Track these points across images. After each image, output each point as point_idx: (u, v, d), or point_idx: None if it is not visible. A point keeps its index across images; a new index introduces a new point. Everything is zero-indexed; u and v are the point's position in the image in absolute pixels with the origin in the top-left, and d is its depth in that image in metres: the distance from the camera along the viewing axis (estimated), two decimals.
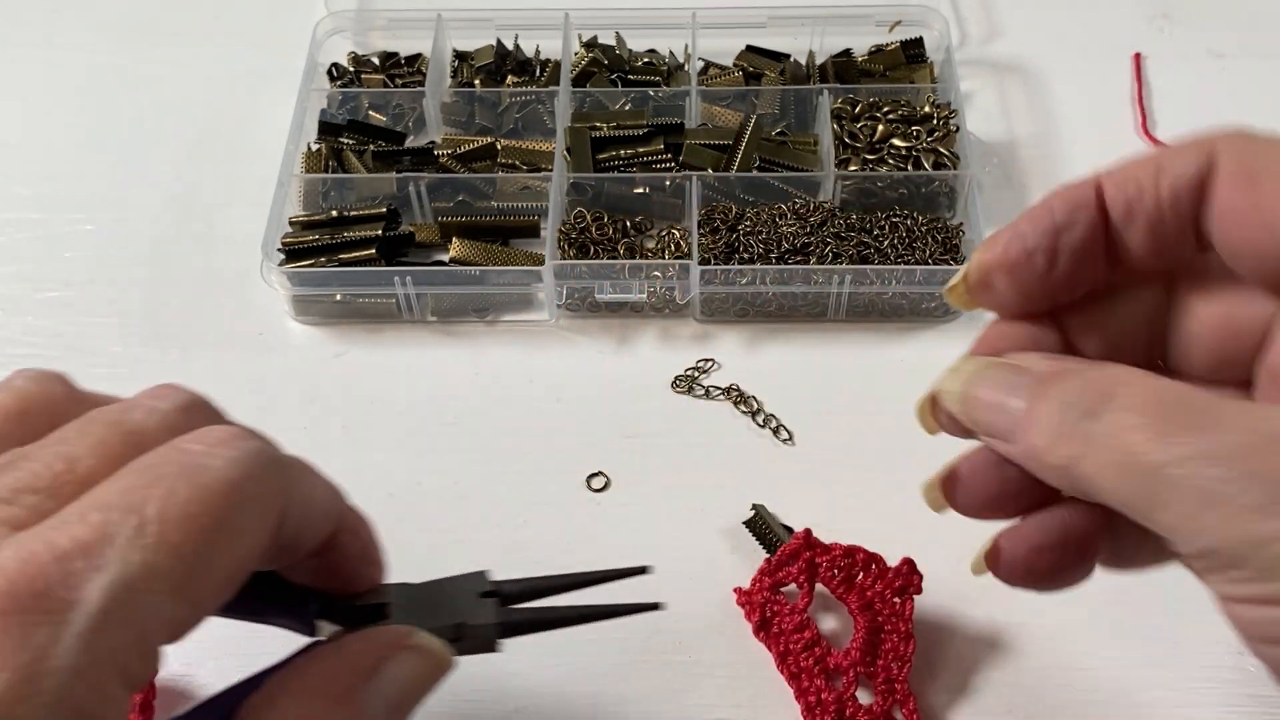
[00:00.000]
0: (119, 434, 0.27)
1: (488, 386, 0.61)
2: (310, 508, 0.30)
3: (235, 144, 0.72)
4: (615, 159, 0.67)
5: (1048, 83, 0.75)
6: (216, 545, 0.25)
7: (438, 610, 0.33)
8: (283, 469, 0.28)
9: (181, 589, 0.24)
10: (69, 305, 0.64)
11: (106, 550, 0.23)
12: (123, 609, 0.23)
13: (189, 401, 0.30)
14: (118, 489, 0.25)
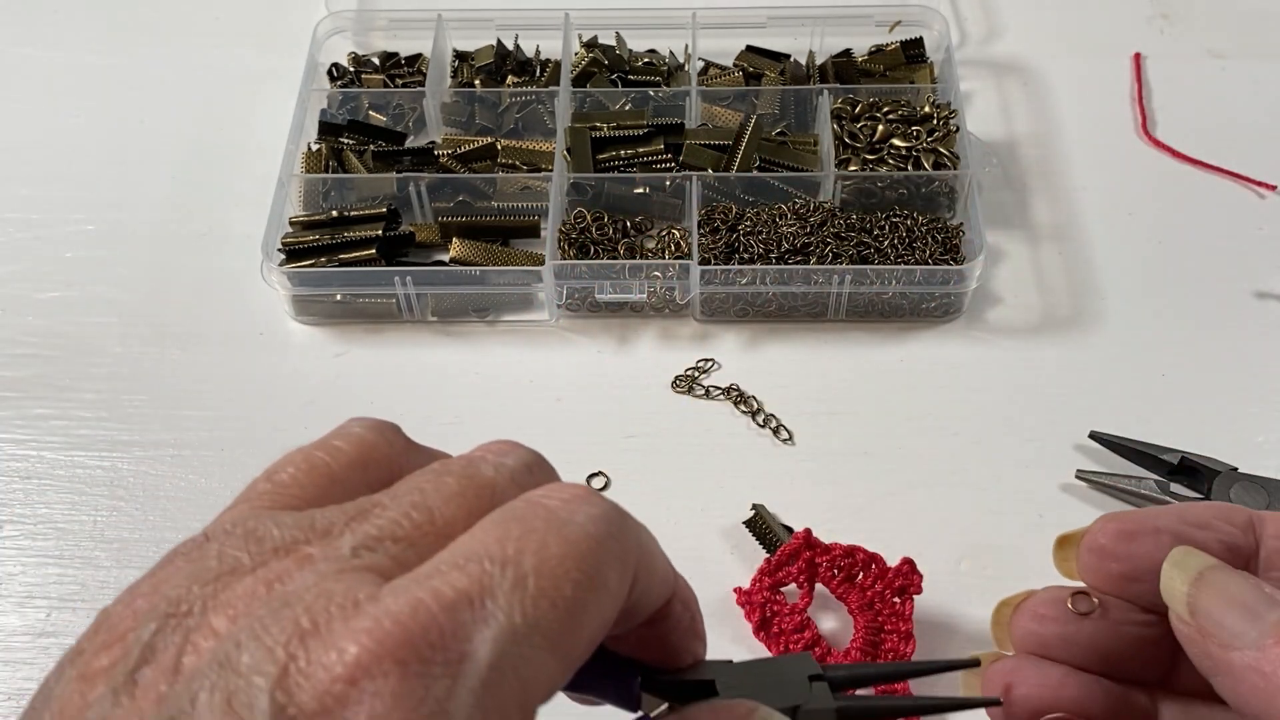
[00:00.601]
0: (473, 486, 0.26)
1: (488, 386, 0.61)
2: (653, 572, 0.29)
3: (235, 144, 0.72)
4: (615, 159, 0.67)
5: (1048, 83, 0.75)
6: (588, 601, 0.24)
7: (768, 692, 0.31)
8: (634, 528, 0.28)
9: (558, 645, 0.23)
10: (69, 305, 0.64)
11: (488, 601, 0.22)
12: (510, 663, 0.22)
13: (533, 459, 0.29)
14: (490, 539, 0.24)
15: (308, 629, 0.21)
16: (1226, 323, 0.62)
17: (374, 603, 0.21)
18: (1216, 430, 0.57)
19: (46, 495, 0.56)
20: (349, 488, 0.27)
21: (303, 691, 0.20)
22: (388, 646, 0.21)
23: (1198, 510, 0.31)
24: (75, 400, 0.60)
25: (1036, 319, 0.63)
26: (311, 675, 0.20)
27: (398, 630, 0.21)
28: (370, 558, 0.23)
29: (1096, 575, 0.31)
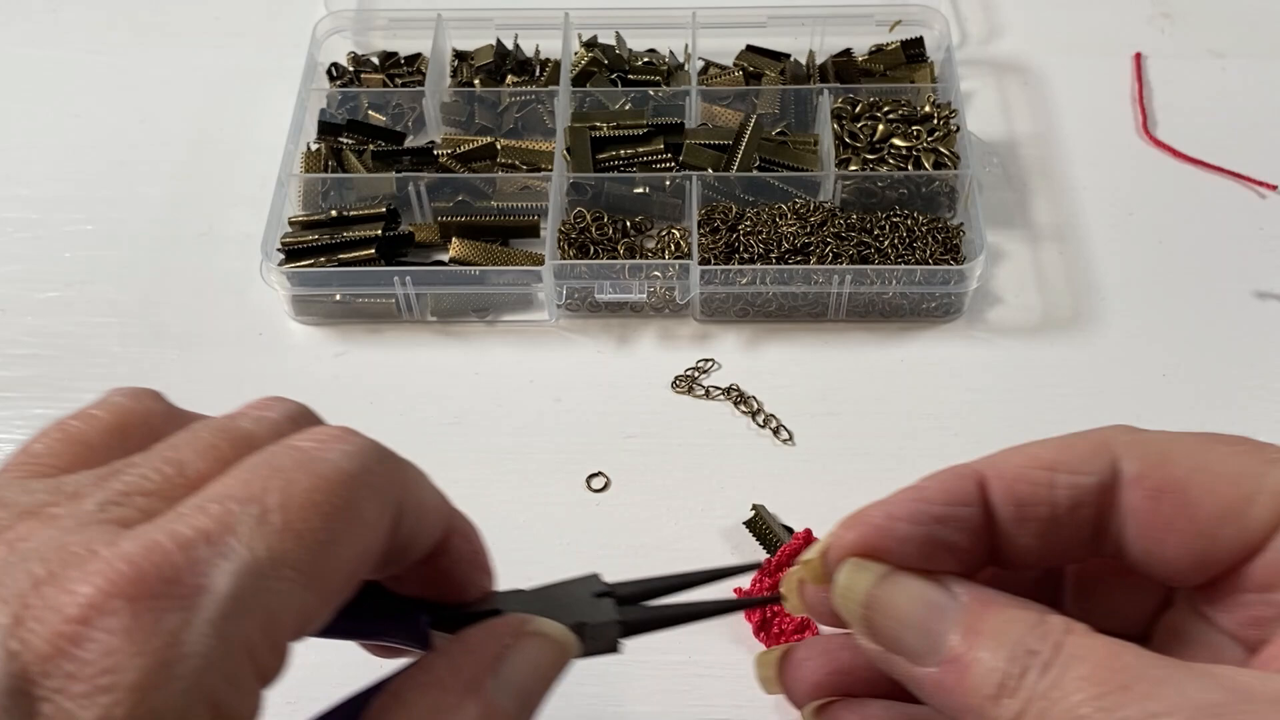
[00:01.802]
0: (228, 439, 0.27)
1: (488, 386, 0.61)
2: (423, 507, 0.29)
3: (235, 144, 0.72)
4: (615, 159, 0.67)
5: (1048, 83, 0.75)
6: (339, 533, 0.24)
7: (555, 612, 0.32)
8: (396, 464, 0.28)
9: (309, 576, 0.23)
10: (69, 305, 0.64)
11: (230, 538, 0.23)
12: (252, 595, 0.22)
13: (295, 410, 0.30)
14: (235, 481, 0.24)
15: (42, 578, 0.22)
16: (1226, 323, 0.62)
17: (111, 547, 0.22)
18: (1216, 430, 0.57)
19: None
20: (107, 454, 0.27)
21: (36, 636, 0.21)
22: (119, 585, 0.21)
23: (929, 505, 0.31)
24: (75, 400, 0.60)
25: (1036, 319, 0.63)
26: (44, 620, 0.21)
27: (129, 569, 0.21)
28: (117, 511, 0.24)
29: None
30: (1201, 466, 0.31)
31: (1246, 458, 0.31)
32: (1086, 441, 0.32)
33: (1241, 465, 0.30)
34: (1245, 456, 0.31)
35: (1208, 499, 0.30)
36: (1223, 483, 0.30)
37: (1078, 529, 0.31)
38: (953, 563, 0.31)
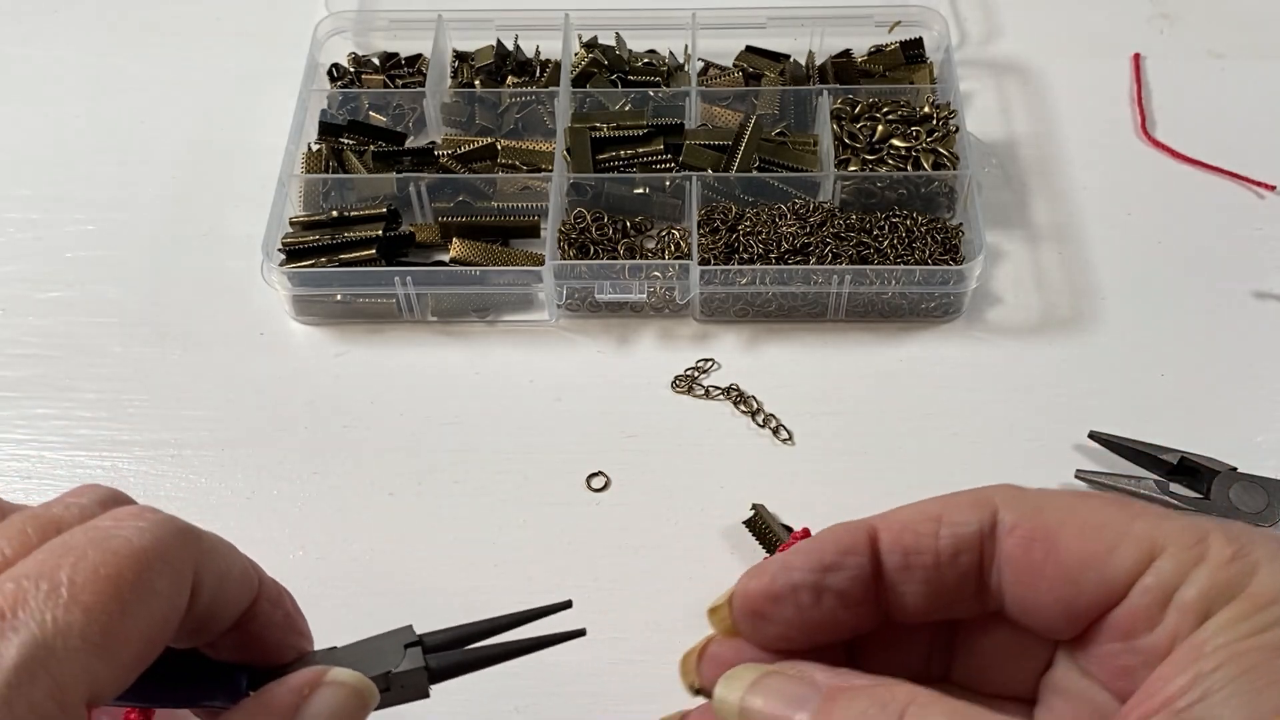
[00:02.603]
0: (37, 525, 0.28)
1: (488, 386, 0.61)
2: (226, 577, 0.31)
3: (235, 144, 0.72)
4: (615, 159, 0.67)
5: (1048, 83, 0.75)
6: (129, 604, 0.27)
7: (366, 665, 0.35)
8: (193, 537, 0.30)
9: (98, 645, 0.25)
10: (70, 305, 0.65)
11: (20, 612, 0.25)
12: (40, 665, 0.24)
13: (106, 495, 0.32)
14: (33, 561, 0.27)
15: None
16: (1226, 323, 0.62)
17: None
18: (1216, 430, 0.57)
19: (47, 495, 0.56)
20: None
21: None
22: None
23: (821, 553, 0.34)
24: (76, 400, 0.60)
25: (1036, 319, 0.63)
26: None
27: None
28: None
29: (758, 638, 0.35)
30: (1070, 517, 0.32)
31: (1114, 510, 0.32)
32: (970, 496, 0.34)
33: (1108, 516, 0.32)
34: (1113, 508, 0.32)
35: (1074, 546, 0.31)
36: (1089, 531, 0.32)
37: (961, 578, 0.33)
38: (846, 615, 0.34)
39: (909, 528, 0.34)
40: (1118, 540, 0.31)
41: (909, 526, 0.34)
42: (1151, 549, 0.30)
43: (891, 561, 0.34)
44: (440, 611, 0.52)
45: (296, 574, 0.53)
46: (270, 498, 0.56)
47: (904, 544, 0.34)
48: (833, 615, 0.34)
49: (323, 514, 0.55)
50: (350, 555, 0.54)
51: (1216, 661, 0.28)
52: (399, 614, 0.51)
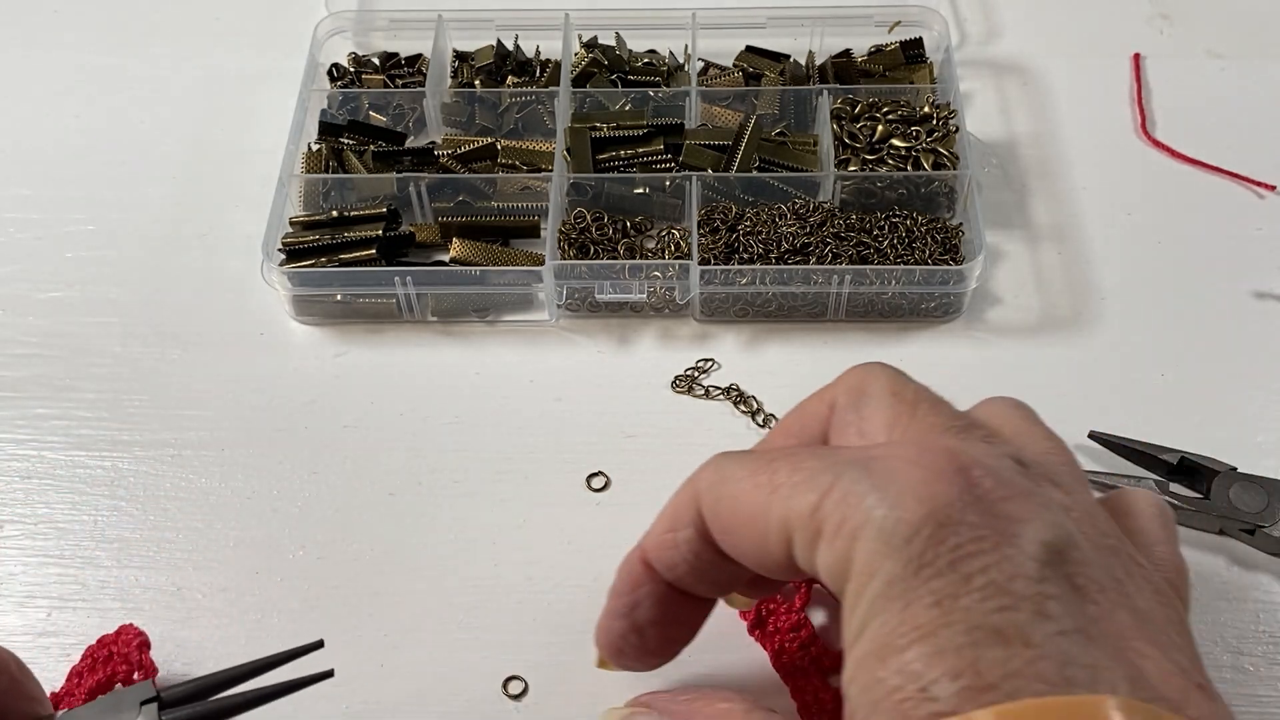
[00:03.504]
0: None
1: (488, 386, 0.61)
2: None
3: (235, 144, 0.72)
4: (615, 159, 0.67)
5: (1048, 83, 0.75)
6: None
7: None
8: None
9: None
10: (70, 305, 0.65)
11: None
12: None
13: None
14: None
15: None
16: (1226, 323, 0.62)
17: None
18: (1216, 430, 0.57)
19: (47, 495, 0.56)
20: None
21: None
22: None
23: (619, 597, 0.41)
24: (76, 400, 0.60)
25: (1036, 319, 0.63)
26: None
27: None
28: None
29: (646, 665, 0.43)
30: (737, 508, 0.36)
31: (758, 492, 0.35)
32: (684, 495, 0.39)
33: (755, 502, 0.35)
34: (757, 491, 0.35)
35: (744, 538, 0.35)
36: (750, 524, 0.35)
37: (715, 562, 0.38)
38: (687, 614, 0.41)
39: (659, 544, 0.39)
40: (765, 528, 0.34)
41: (659, 544, 0.39)
42: (787, 532, 0.33)
43: (671, 577, 0.39)
44: (440, 611, 0.52)
45: (296, 574, 0.53)
46: (270, 498, 0.56)
47: (663, 561, 0.39)
48: (660, 636, 0.41)
49: (323, 514, 0.55)
50: (350, 555, 0.54)
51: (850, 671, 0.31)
52: (399, 614, 0.52)
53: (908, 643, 0.28)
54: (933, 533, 0.29)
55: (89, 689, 0.46)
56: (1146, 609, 0.31)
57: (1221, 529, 0.53)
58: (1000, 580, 0.29)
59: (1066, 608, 0.29)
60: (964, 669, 0.27)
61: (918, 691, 0.28)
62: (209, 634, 0.51)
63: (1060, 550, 0.30)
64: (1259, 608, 0.51)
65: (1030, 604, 0.28)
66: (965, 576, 0.29)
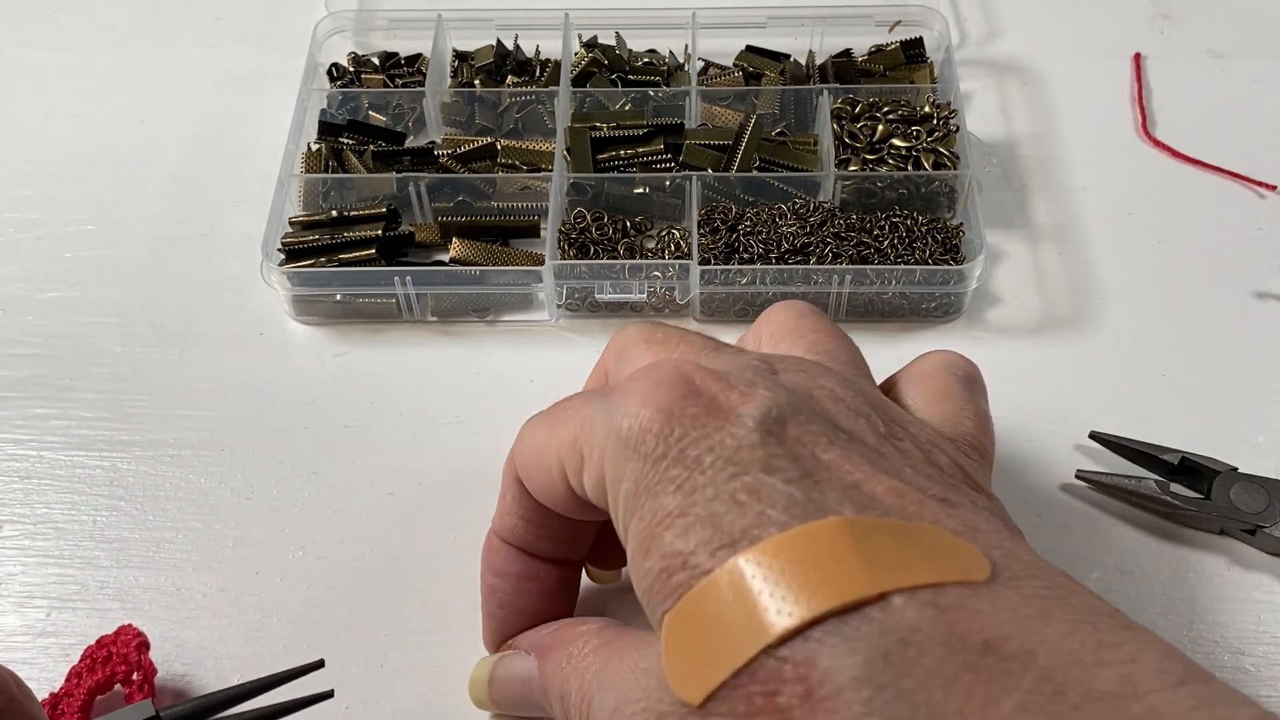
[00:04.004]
0: None
1: (488, 386, 0.61)
2: None
3: (236, 144, 0.72)
4: (615, 159, 0.67)
5: (1048, 83, 0.75)
6: None
7: None
8: None
9: None
10: (70, 305, 0.64)
11: None
12: None
13: None
14: None
15: None
16: (1226, 323, 0.62)
17: None
18: (1217, 430, 0.57)
19: (46, 495, 0.56)
20: None
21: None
22: None
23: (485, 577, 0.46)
24: (75, 400, 0.60)
25: (1036, 319, 0.63)
26: None
27: None
28: None
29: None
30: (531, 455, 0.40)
31: (542, 437, 0.39)
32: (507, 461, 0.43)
33: (540, 446, 0.39)
34: (542, 437, 0.40)
35: (538, 479, 0.40)
36: (539, 465, 0.39)
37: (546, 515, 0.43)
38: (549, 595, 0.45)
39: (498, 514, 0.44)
40: (549, 466, 0.39)
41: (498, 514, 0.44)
42: (562, 466, 0.38)
43: (515, 542, 0.44)
44: (440, 611, 0.52)
45: (296, 574, 0.53)
46: (270, 498, 0.56)
47: (505, 528, 0.44)
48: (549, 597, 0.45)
49: (323, 514, 0.55)
50: (350, 555, 0.54)
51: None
52: (399, 614, 0.52)
53: (662, 529, 0.32)
54: (661, 428, 0.33)
55: (88, 689, 0.46)
56: (890, 452, 0.35)
57: (1222, 529, 0.53)
58: (727, 454, 0.32)
59: (792, 461, 0.32)
60: (711, 534, 0.31)
61: (679, 565, 0.31)
62: (208, 634, 0.51)
63: (780, 419, 0.34)
64: (1260, 608, 0.51)
65: (756, 465, 0.32)
66: (696, 459, 0.32)
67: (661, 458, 0.33)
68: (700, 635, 0.30)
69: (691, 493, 0.32)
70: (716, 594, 0.30)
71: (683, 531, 0.32)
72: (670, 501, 0.32)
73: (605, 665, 0.37)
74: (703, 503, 0.32)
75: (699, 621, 0.30)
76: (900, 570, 0.29)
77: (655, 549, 0.32)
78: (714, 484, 0.32)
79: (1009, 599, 0.29)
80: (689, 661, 0.30)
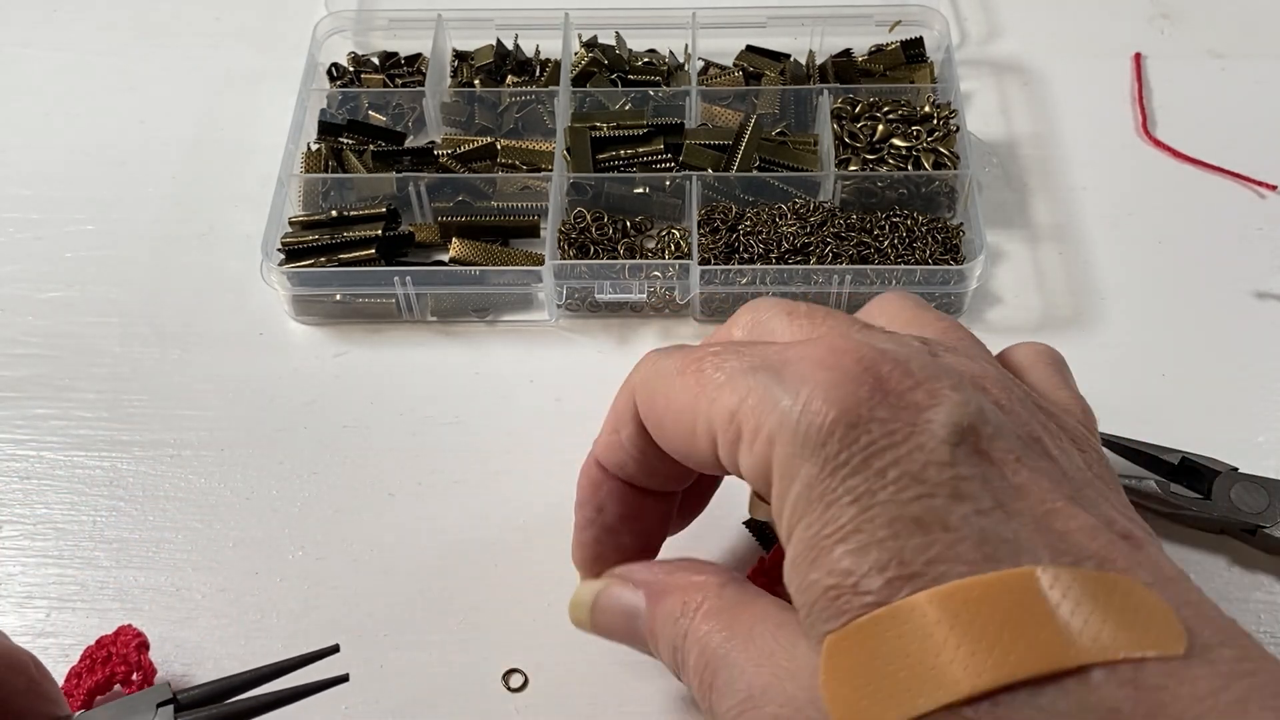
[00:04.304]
0: None
1: (488, 386, 0.61)
2: None
3: (235, 144, 0.72)
4: (615, 159, 0.67)
5: (1048, 83, 0.75)
6: None
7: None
8: None
9: None
10: (70, 305, 0.64)
11: None
12: None
13: None
14: None
15: None
16: (1227, 323, 0.62)
17: None
18: (1217, 430, 0.57)
19: (46, 495, 0.56)
20: None
21: None
22: None
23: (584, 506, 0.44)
24: (75, 400, 0.60)
25: (1036, 319, 0.63)
26: None
27: None
28: None
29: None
30: (669, 405, 0.37)
31: (685, 393, 0.36)
32: (623, 394, 0.41)
33: (683, 401, 0.36)
34: (685, 391, 0.36)
35: (675, 435, 0.37)
36: (678, 422, 0.37)
37: (665, 457, 0.39)
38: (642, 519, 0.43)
39: (606, 445, 0.42)
40: (693, 427, 0.36)
41: (606, 444, 0.42)
42: (711, 433, 0.35)
43: (623, 473, 0.42)
44: (440, 612, 0.52)
45: (296, 574, 0.53)
46: (270, 498, 0.56)
47: (612, 461, 0.42)
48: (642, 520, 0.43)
49: (322, 514, 0.55)
50: (350, 555, 0.54)
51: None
52: (399, 614, 0.52)
53: (833, 543, 0.30)
54: (844, 433, 0.31)
55: (88, 690, 0.46)
56: (1066, 461, 0.33)
57: (1222, 529, 0.53)
58: (913, 470, 0.30)
59: (983, 485, 0.30)
60: (888, 561, 0.29)
61: (849, 587, 0.29)
62: (208, 634, 0.51)
63: (970, 428, 0.31)
64: (1260, 608, 0.51)
65: (945, 489, 0.30)
66: (879, 471, 0.30)
67: (842, 465, 0.30)
68: (870, 669, 0.28)
69: (869, 508, 0.30)
70: (895, 630, 0.28)
71: (855, 551, 0.29)
72: (845, 514, 0.30)
73: (732, 640, 0.34)
74: (881, 522, 0.29)
75: (869, 653, 0.29)
76: (1101, 637, 0.27)
77: (823, 562, 0.30)
78: (896, 502, 0.30)
79: (1208, 682, 0.27)
80: (856, 692, 0.29)
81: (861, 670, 0.29)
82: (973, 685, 0.27)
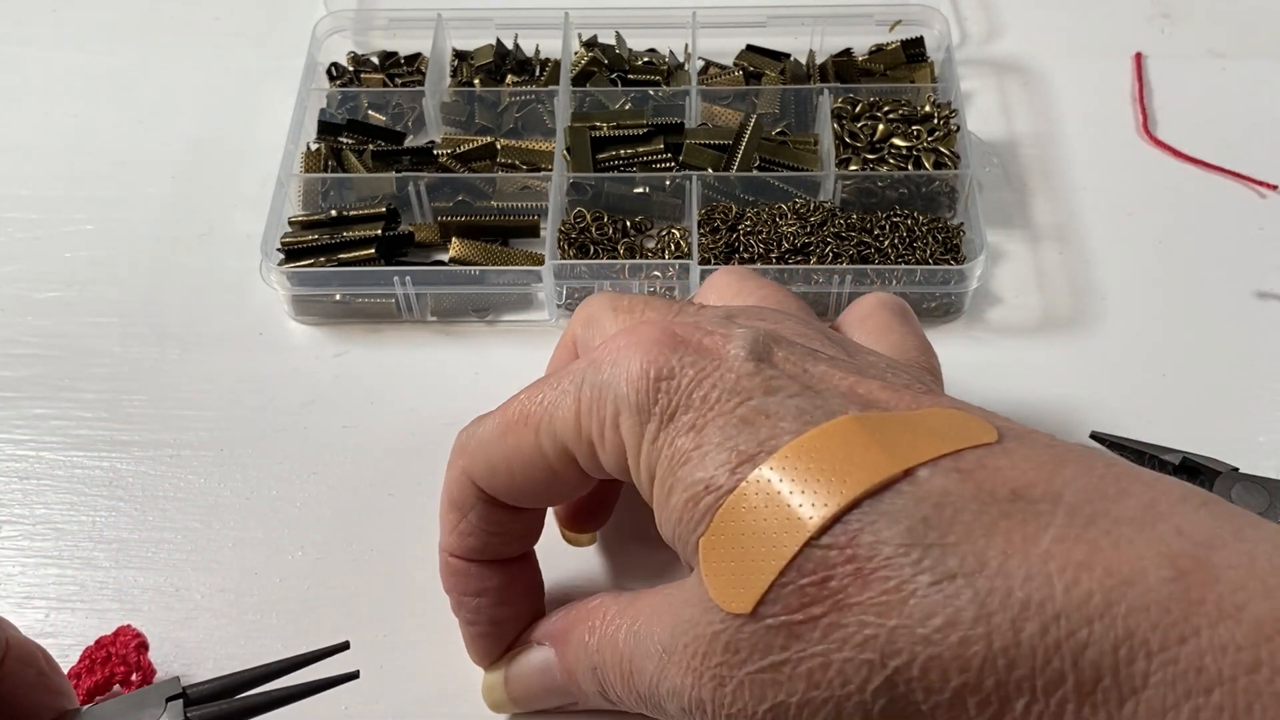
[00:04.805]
0: None
1: (488, 386, 0.61)
2: None
3: (235, 144, 0.72)
4: (615, 159, 0.67)
5: (1048, 83, 0.75)
6: None
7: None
8: None
9: None
10: (69, 305, 0.64)
11: None
12: None
13: None
14: None
15: None
16: (1227, 323, 0.62)
17: None
18: (1217, 430, 0.57)
19: (45, 495, 0.56)
20: None
21: None
22: None
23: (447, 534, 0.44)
24: (75, 400, 0.60)
25: (1037, 319, 0.63)
26: None
27: None
28: None
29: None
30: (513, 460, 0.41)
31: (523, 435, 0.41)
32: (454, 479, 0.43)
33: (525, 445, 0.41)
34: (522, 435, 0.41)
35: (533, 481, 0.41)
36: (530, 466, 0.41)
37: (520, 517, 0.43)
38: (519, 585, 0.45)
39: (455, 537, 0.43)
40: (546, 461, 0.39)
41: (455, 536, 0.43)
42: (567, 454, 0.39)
43: (480, 558, 0.43)
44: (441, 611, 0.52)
45: (296, 575, 0.53)
46: (269, 498, 0.56)
47: (467, 549, 0.43)
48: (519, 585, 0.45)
49: (322, 514, 0.55)
50: (350, 555, 0.54)
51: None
52: (399, 614, 0.52)
53: (680, 466, 0.33)
54: (664, 385, 0.35)
55: (87, 690, 0.46)
56: (870, 368, 0.37)
57: None
58: (728, 386, 0.34)
59: (789, 379, 0.34)
60: (728, 456, 0.32)
61: (703, 491, 0.33)
62: (207, 635, 0.51)
63: (765, 346, 0.35)
64: None
65: (759, 389, 0.34)
66: (702, 399, 0.34)
67: (669, 409, 0.34)
68: (737, 549, 0.31)
69: (703, 429, 0.33)
70: (746, 506, 0.31)
71: (700, 462, 0.33)
72: (686, 443, 0.33)
73: (636, 621, 0.37)
74: (715, 432, 0.33)
75: (733, 537, 0.31)
76: (918, 448, 0.31)
77: (677, 487, 0.33)
78: (722, 416, 0.33)
79: (1024, 453, 0.31)
80: (731, 575, 0.31)
81: (731, 552, 0.32)
82: (821, 516, 0.30)
